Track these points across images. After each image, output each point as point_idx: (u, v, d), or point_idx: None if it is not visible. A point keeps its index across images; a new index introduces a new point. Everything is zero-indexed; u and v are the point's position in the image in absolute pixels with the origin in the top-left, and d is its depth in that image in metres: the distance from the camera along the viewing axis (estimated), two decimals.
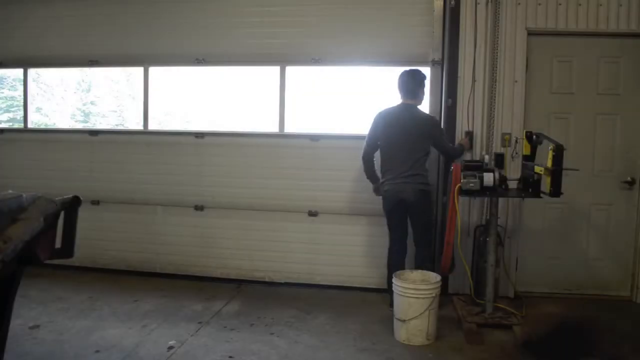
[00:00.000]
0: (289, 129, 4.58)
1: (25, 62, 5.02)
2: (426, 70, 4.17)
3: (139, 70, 4.83)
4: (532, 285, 4.27)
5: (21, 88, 5.12)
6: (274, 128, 4.60)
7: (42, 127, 5.32)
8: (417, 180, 3.82)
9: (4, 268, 1.49)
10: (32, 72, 5.13)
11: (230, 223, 4.70)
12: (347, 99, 4.54)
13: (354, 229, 4.49)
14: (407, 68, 3.99)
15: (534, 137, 3.52)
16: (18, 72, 5.15)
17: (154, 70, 4.82)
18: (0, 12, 5.01)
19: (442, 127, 4.13)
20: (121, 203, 4.89)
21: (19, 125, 5.23)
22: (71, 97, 5.49)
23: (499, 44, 4.11)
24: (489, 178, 3.40)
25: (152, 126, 4.87)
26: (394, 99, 4.00)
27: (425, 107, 4.15)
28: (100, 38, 4.84)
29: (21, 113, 5.15)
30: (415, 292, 3.34)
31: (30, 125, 5.16)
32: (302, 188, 4.55)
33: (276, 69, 4.54)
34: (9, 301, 1.77)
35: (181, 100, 4.99)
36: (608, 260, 4.28)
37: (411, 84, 3.90)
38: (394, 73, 4.04)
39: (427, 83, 4.09)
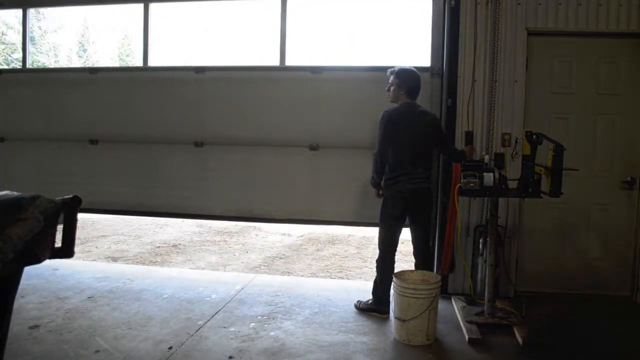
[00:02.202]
0: (290, 61, 4.53)
1: (24, 1, 4.98)
2: (428, 2, 4.25)
3: (139, 6, 4.77)
4: (532, 285, 4.28)
5: None
6: (275, 61, 4.55)
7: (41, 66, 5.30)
8: (429, 180, 3.84)
9: (4, 268, 1.50)
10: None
11: (230, 159, 4.65)
12: (349, 31, 4.50)
13: (355, 162, 4.38)
14: (408, 67, 3.87)
15: (534, 137, 3.52)
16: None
17: (154, 7, 4.77)
18: None
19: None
20: (120, 142, 4.83)
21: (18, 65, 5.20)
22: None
23: (499, 44, 4.11)
24: (489, 178, 3.40)
25: (152, 62, 4.81)
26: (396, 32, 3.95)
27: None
28: None
29: None
30: (415, 292, 3.34)
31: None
32: (303, 122, 4.50)
33: (277, 0, 4.50)
34: (9, 301, 1.78)
35: (181, 35, 4.97)
36: (608, 260, 4.27)
37: (418, 85, 3.84)
38: (396, 5, 3.98)
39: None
